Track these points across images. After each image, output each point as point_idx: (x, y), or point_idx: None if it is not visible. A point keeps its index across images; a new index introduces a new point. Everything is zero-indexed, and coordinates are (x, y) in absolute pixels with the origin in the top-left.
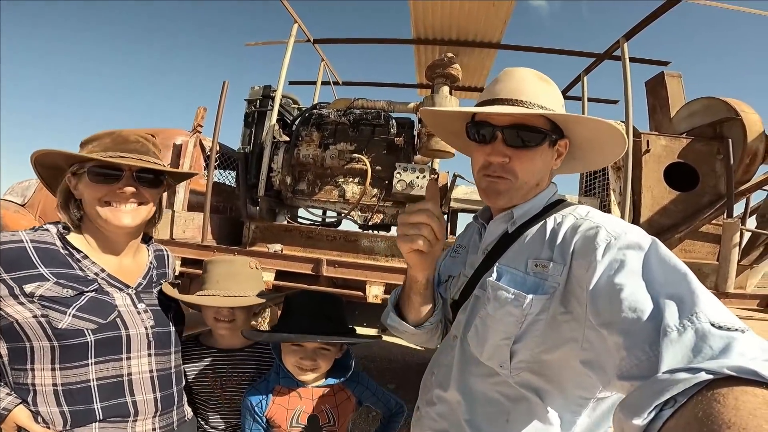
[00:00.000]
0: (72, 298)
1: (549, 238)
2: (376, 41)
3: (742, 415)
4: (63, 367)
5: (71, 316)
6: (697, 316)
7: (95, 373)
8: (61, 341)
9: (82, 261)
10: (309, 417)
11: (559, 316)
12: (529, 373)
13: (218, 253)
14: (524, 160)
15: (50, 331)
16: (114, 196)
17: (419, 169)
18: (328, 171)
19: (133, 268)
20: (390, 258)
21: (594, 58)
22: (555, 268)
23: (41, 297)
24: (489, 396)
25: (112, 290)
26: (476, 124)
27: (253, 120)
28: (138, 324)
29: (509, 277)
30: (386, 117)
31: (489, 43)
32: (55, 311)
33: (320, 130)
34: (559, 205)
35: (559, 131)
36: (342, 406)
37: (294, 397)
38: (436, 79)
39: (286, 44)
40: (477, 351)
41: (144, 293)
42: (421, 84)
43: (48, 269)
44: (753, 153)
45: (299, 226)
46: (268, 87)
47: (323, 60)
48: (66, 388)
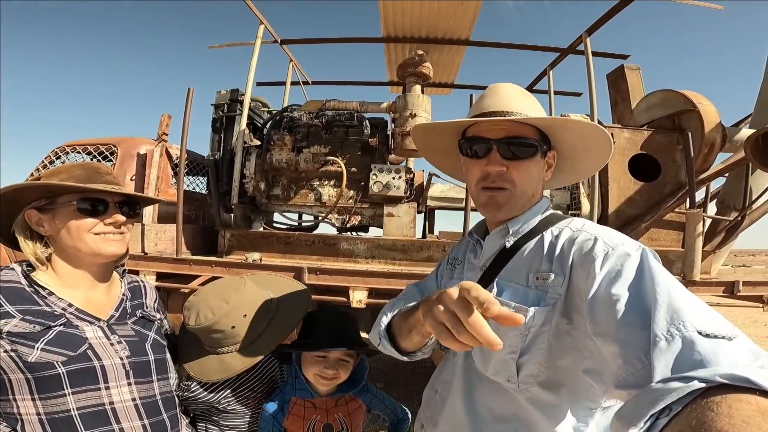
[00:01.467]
0: (39, 332)
1: (547, 251)
2: (345, 40)
3: (736, 423)
4: (42, 397)
5: (39, 350)
6: (684, 324)
7: (74, 402)
8: (33, 374)
9: (48, 297)
10: (324, 426)
11: (562, 327)
12: (537, 387)
13: (195, 266)
14: (521, 170)
15: (21, 364)
16: (102, 227)
17: (395, 170)
18: (303, 175)
19: (104, 300)
20: (370, 260)
21: (558, 52)
22: (555, 280)
23: (9, 333)
24: (496, 413)
25: (81, 324)
26: (469, 140)
27: (222, 125)
28: (112, 355)
29: (511, 291)
30: (359, 118)
31: (458, 40)
32: (23, 346)
33: (292, 134)
34: (554, 218)
35: (547, 142)
36: (354, 415)
37: (309, 408)
38: (407, 78)
39: (253, 46)
40: (482, 367)
41: (116, 325)
42: (392, 82)
43: (14, 307)
44: (711, 143)
45: (276, 233)
46: (236, 90)
47: (291, 60)
48: (50, 417)
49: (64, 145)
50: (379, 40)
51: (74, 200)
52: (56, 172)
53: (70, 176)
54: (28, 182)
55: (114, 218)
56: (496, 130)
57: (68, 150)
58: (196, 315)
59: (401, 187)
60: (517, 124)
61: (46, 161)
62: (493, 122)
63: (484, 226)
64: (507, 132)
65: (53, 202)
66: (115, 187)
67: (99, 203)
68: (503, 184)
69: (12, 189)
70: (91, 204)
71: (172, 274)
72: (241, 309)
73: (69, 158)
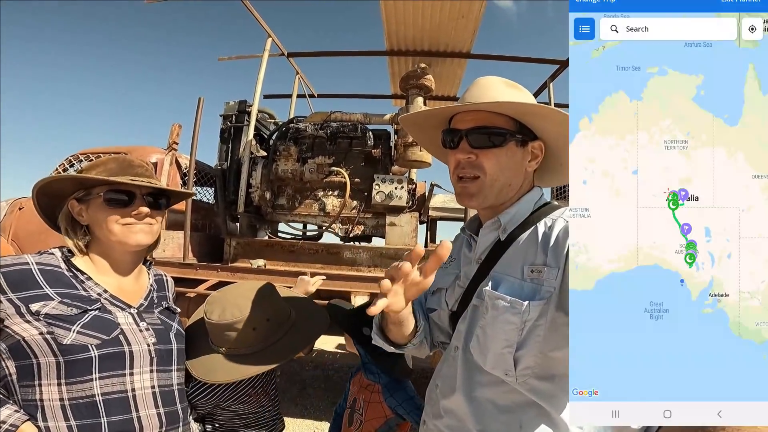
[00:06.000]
0: (76, 315)
1: (541, 242)
2: (350, 54)
3: None
4: (69, 382)
5: (75, 332)
6: None
7: (100, 388)
8: (66, 356)
9: (86, 282)
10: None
11: (558, 320)
12: (535, 379)
13: (201, 271)
14: (489, 157)
15: (56, 347)
16: (129, 218)
17: (397, 180)
18: (308, 185)
19: (135, 289)
20: (373, 268)
21: (558, 65)
22: (550, 273)
23: (47, 315)
24: (499, 405)
25: (114, 309)
26: (445, 132)
27: (230, 136)
28: (140, 341)
29: (506, 284)
30: (363, 129)
31: (460, 52)
32: (60, 328)
33: (298, 145)
34: (548, 209)
35: (527, 132)
36: (371, 406)
37: (356, 383)
38: (410, 90)
39: (260, 58)
40: (480, 360)
41: (145, 313)
42: (395, 95)
43: (53, 289)
44: None
45: (281, 241)
46: (244, 102)
47: (298, 73)
48: (73, 403)
49: (78, 153)
50: (382, 53)
51: (102, 192)
52: (94, 165)
53: (104, 169)
54: (59, 175)
55: (138, 209)
56: (467, 120)
57: (81, 158)
58: (221, 311)
59: (403, 198)
60: (488, 114)
61: (60, 169)
62: (467, 114)
63: (477, 221)
64: (476, 122)
65: (89, 194)
66: (141, 179)
67: (125, 194)
68: (473, 171)
69: (46, 181)
70: (117, 195)
71: (179, 279)
72: (266, 313)
73: (82, 165)
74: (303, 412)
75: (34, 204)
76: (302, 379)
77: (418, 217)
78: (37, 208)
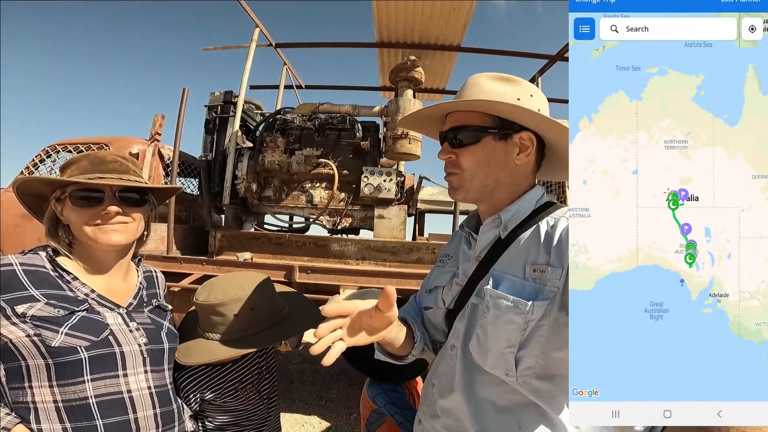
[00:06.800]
0: (63, 317)
1: (544, 241)
2: (339, 45)
3: None
4: (60, 384)
5: (63, 334)
6: None
7: (93, 390)
8: (55, 359)
9: (72, 282)
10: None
11: (561, 320)
12: (535, 379)
13: (185, 264)
14: (465, 155)
15: (44, 349)
16: (99, 218)
17: (386, 173)
18: (295, 177)
19: (124, 288)
20: (361, 261)
21: (547, 59)
22: (553, 272)
23: (33, 317)
24: (498, 405)
25: (102, 310)
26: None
27: (215, 127)
28: (131, 341)
29: (508, 284)
30: (351, 121)
31: (450, 45)
32: (47, 330)
33: (285, 136)
34: (550, 207)
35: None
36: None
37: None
38: (399, 82)
39: (247, 48)
40: (480, 360)
41: (135, 312)
42: (384, 87)
43: (38, 291)
44: None
45: (267, 233)
46: (230, 92)
47: (285, 64)
48: (67, 405)
49: (55, 144)
50: (372, 45)
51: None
52: (69, 163)
53: (77, 167)
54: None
55: (107, 209)
56: (449, 121)
57: (59, 149)
58: (209, 292)
59: (392, 190)
60: (463, 113)
61: (36, 159)
62: (451, 114)
63: (476, 218)
64: (453, 122)
65: (64, 193)
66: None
67: (93, 195)
68: (454, 169)
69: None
70: (86, 195)
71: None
72: (251, 302)
73: (59, 157)
74: (291, 405)
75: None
76: (289, 373)
77: (406, 210)
78: (27, 209)
